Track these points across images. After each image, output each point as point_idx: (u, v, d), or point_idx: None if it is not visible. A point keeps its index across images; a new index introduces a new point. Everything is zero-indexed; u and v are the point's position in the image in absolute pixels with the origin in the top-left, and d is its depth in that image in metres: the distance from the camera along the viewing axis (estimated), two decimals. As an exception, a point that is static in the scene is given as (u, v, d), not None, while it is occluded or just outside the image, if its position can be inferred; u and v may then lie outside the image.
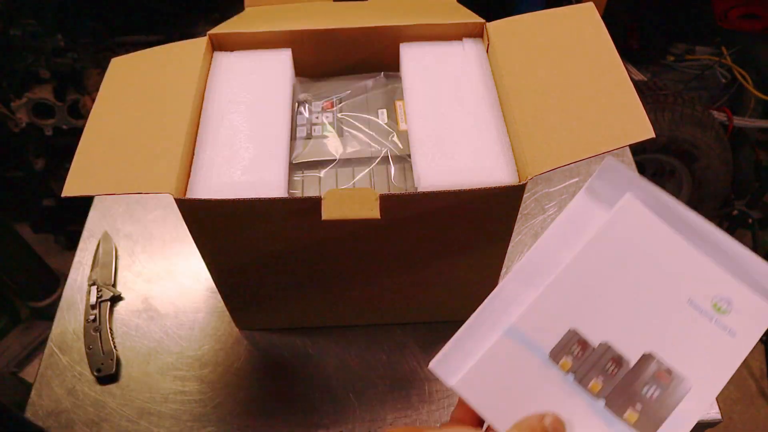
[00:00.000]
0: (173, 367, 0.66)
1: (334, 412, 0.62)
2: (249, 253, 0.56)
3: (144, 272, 0.74)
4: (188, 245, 0.76)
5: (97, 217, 0.79)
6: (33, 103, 1.28)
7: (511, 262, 0.73)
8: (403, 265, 0.58)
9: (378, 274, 0.59)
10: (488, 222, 0.53)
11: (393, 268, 0.59)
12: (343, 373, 0.65)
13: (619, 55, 0.53)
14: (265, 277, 0.60)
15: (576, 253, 0.40)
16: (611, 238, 0.40)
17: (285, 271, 0.59)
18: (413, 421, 0.62)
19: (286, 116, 0.56)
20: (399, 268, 0.59)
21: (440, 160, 0.52)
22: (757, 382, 1.50)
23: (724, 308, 0.39)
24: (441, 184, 0.50)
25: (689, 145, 1.42)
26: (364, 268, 0.58)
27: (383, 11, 0.64)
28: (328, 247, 0.55)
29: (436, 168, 0.52)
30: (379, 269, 0.59)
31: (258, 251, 0.56)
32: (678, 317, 0.39)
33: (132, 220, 0.79)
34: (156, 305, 0.71)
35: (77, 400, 0.64)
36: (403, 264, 0.58)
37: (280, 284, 0.61)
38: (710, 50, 1.69)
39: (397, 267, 0.58)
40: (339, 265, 0.58)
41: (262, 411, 0.63)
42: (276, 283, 0.60)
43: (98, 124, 0.52)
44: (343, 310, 0.66)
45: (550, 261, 0.40)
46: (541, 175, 0.49)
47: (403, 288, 0.62)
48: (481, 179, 0.51)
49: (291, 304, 0.65)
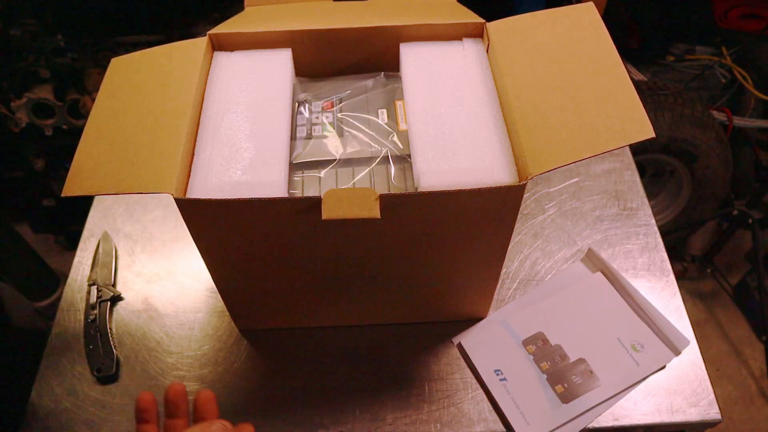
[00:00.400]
0: (173, 367, 0.66)
1: (334, 412, 0.62)
2: (249, 253, 0.56)
3: (144, 272, 0.74)
4: (188, 245, 0.76)
5: (97, 217, 0.79)
6: (33, 103, 1.28)
7: (511, 261, 0.73)
8: (404, 265, 0.58)
9: (379, 273, 0.59)
10: (488, 222, 0.53)
11: (394, 268, 0.59)
12: (343, 372, 0.65)
13: (619, 55, 0.53)
14: (265, 277, 0.60)
15: (560, 294, 0.70)
16: (583, 292, 0.70)
17: (285, 271, 0.59)
18: (413, 421, 0.62)
19: (286, 116, 0.56)
20: (400, 268, 0.59)
21: (440, 160, 0.52)
22: (757, 382, 1.50)
23: (638, 348, 0.65)
24: (441, 184, 0.50)
25: (689, 145, 1.42)
26: (365, 267, 0.58)
27: (383, 11, 0.64)
28: (328, 247, 0.55)
29: (436, 168, 0.52)
30: (380, 269, 0.59)
31: (258, 251, 0.56)
32: (608, 346, 0.65)
33: (132, 220, 0.79)
34: (156, 305, 0.71)
35: (77, 400, 0.64)
36: (404, 263, 0.58)
37: (281, 284, 0.61)
38: (710, 50, 1.69)
39: (397, 266, 0.58)
40: (339, 265, 0.58)
41: (262, 411, 0.63)
42: (276, 283, 0.60)
43: (98, 124, 0.52)
44: (343, 310, 0.66)
45: (544, 293, 0.71)
46: (541, 175, 0.50)
47: (404, 288, 0.62)
48: (481, 179, 0.51)
49: (291, 304, 0.65)
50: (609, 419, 0.62)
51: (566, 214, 0.78)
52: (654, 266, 0.73)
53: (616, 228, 0.77)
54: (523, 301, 0.70)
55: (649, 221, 0.77)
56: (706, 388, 0.63)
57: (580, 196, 0.80)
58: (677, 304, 0.70)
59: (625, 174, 0.82)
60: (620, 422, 0.61)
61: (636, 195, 0.80)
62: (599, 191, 0.80)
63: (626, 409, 0.62)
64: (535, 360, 0.64)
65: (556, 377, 0.63)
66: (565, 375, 0.63)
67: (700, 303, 1.65)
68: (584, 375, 0.63)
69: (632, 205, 0.79)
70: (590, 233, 0.76)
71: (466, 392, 0.64)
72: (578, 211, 0.78)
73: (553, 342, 0.66)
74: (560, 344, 0.65)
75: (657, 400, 0.63)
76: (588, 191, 0.80)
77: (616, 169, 0.83)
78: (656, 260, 0.74)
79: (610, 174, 0.82)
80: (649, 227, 0.77)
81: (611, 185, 0.81)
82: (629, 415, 0.62)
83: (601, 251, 0.74)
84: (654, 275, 0.72)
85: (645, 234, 0.76)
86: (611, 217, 0.78)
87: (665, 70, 1.67)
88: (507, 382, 0.63)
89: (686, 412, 0.62)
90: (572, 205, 0.79)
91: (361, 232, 0.53)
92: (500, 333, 0.66)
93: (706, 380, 0.64)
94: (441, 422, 0.62)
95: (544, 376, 0.63)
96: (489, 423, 0.61)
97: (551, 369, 0.64)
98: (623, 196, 0.80)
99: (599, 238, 0.76)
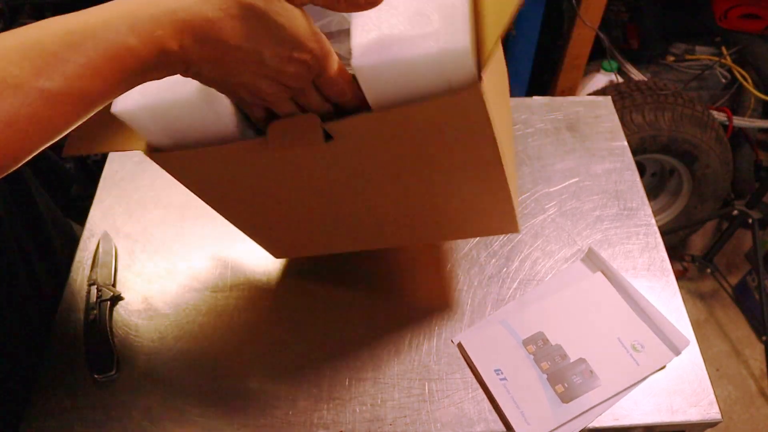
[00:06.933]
0: (173, 368, 0.66)
1: (334, 412, 0.62)
2: (238, 190, 0.56)
3: (144, 272, 0.74)
4: (188, 245, 0.76)
5: (97, 217, 0.79)
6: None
7: (511, 261, 0.73)
8: (392, 184, 0.55)
9: (370, 194, 0.56)
10: (456, 130, 0.47)
11: (383, 188, 0.55)
12: (344, 371, 0.65)
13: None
14: (266, 209, 0.59)
15: (559, 294, 0.70)
16: (583, 292, 0.70)
17: (278, 202, 0.58)
18: (413, 421, 0.62)
19: None
20: (389, 188, 0.55)
21: (378, 31, 0.43)
22: (757, 382, 1.50)
23: (638, 348, 0.65)
24: (374, 61, 0.42)
25: (689, 145, 1.42)
26: (358, 193, 0.56)
27: None
28: (300, 177, 0.53)
29: (370, 41, 0.43)
30: (372, 194, 0.56)
31: (243, 189, 0.56)
32: (608, 346, 0.65)
33: (132, 220, 0.79)
34: (156, 305, 0.71)
35: (77, 400, 0.64)
36: (392, 183, 0.54)
37: (284, 214, 0.60)
38: (710, 50, 1.69)
39: (386, 186, 0.55)
40: (331, 191, 0.56)
41: (263, 411, 0.63)
42: (279, 213, 0.60)
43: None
44: (357, 230, 0.64)
45: (544, 293, 0.71)
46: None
47: (407, 208, 0.59)
48: (423, 50, 0.41)
49: (305, 229, 0.65)
50: (609, 419, 0.62)
51: (566, 214, 0.78)
52: (654, 266, 0.73)
53: (616, 228, 0.77)
54: (523, 301, 0.70)
55: (649, 221, 0.77)
56: (706, 388, 0.63)
57: (580, 196, 0.80)
58: (677, 304, 0.70)
59: (625, 174, 0.82)
60: (620, 422, 0.61)
61: (636, 195, 0.80)
62: (599, 191, 0.80)
63: (626, 409, 0.62)
64: (535, 360, 0.64)
65: (556, 377, 0.63)
66: (565, 375, 0.63)
67: (700, 303, 1.65)
68: (584, 375, 0.63)
69: (632, 205, 0.79)
70: (590, 233, 0.76)
71: (466, 392, 0.64)
72: (578, 211, 0.78)
73: (553, 342, 0.66)
74: (560, 344, 0.65)
75: (657, 400, 0.63)
76: (588, 191, 0.80)
77: (616, 169, 0.83)
78: (656, 260, 0.74)
79: (610, 174, 0.82)
80: (649, 227, 0.77)
81: (611, 185, 0.81)
82: (629, 415, 0.62)
83: (601, 251, 0.74)
84: (654, 275, 0.72)
85: (645, 234, 0.76)
86: (611, 217, 0.78)
87: (665, 70, 1.68)
88: (507, 381, 0.63)
89: (686, 412, 0.62)
90: (572, 205, 0.79)
91: (324, 159, 0.50)
92: (500, 333, 0.67)
93: (706, 380, 0.64)
94: (441, 422, 0.62)
95: (545, 376, 0.63)
96: (489, 423, 0.62)
97: (551, 369, 0.64)
98: (623, 196, 0.80)
99: (599, 238, 0.76)
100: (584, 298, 0.69)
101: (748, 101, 1.64)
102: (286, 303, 0.71)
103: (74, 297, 0.71)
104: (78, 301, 0.71)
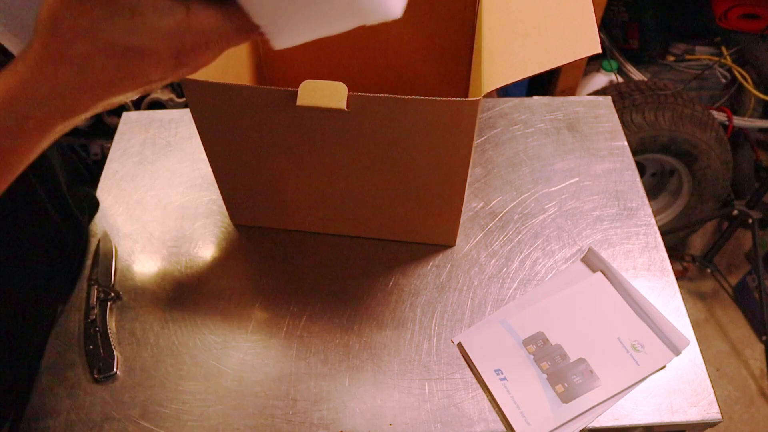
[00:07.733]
0: (173, 367, 0.66)
1: (334, 412, 0.62)
2: (240, 138, 0.62)
3: (144, 272, 0.74)
4: (188, 245, 0.76)
5: (97, 217, 0.79)
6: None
7: (511, 261, 0.73)
8: (373, 165, 0.63)
9: (351, 170, 0.64)
10: (445, 131, 0.57)
11: (365, 166, 0.63)
12: (344, 372, 0.65)
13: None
14: (255, 166, 0.66)
15: (559, 294, 0.70)
16: (583, 292, 0.70)
17: (270, 161, 0.64)
18: (413, 421, 0.62)
19: None
20: (370, 168, 0.63)
21: None
22: (757, 382, 1.50)
23: (638, 348, 0.65)
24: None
25: (689, 145, 1.42)
26: (338, 162, 0.63)
27: None
28: (303, 137, 0.60)
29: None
30: (352, 164, 0.63)
31: (247, 137, 0.62)
32: (608, 346, 0.65)
33: (132, 220, 0.79)
34: (156, 305, 0.71)
35: (77, 400, 0.64)
36: (373, 163, 0.63)
37: (268, 175, 0.67)
38: (710, 50, 1.69)
39: (368, 165, 0.63)
40: (315, 156, 0.63)
41: (262, 411, 0.63)
42: (264, 173, 0.66)
43: None
44: (324, 212, 0.72)
45: (544, 293, 0.71)
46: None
47: (377, 195, 0.67)
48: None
49: (278, 199, 0.71)
50: (609, 419, 0.62)
51: (566, 214, 0.78)
52: (654, 266, 0.73)
53: (616, 228, 0.77)
54: (523, 301, 0.70)
55: (649, 221, 0.77)
56: (706, 388, 0.63)
57: (580, 196, 0.80)
58: (677, 304, 0.70)
59: (625, 174, 0.82)
60: (620, 422, 0.61)
61: (636, 195, 0.80)
62: (599, 191, 0.80)
63: (626, 409, 0.62)
64: (535, 360, 0.64)
65: (556, 377, 0.63)
66: (565, 375, 0.63)
67: (700, 303, 1.65)
68: (584, 375, 0.63)
69: (632, 205, 0.79)
70: (590, 233, 0.76)
71: (466, 392, 0.64)
72: (578, 211, 0.78)
73: (553, 342, 0.66)
74: (560, 344, 0.65)
75: (657, 400, 0.63)
76: (588, 191, 0.80)
77: (616, 169, 0.83)
78: (656, 260, 0.74)
79: (610, 174, 0.82)
80: (649, 227, 0.77)
81: (611, 185, 0.81)
82: (629, 415, 0.62)
83: (601, 251, 0.74)
84: (654, 275, 0.72)
85: (645, 234, 0.76)
86: (611, 217, 0.78)
87: (665, 70, 1.68)
88: (507, 381, 0.63)
89: (686, 412, 0.62)
90: (572, 204, 0.79)
91: (331, 126, 0.59)
92: (500, 333, 0.67)
93: (706, 380, 0.64)
94: (441, 422, 0.62)
95: (545, 376, 0.63)
96: (489, 423, 0.62)
97: (551, 369, 0.64)
98: (623, 196, 0.80)
99: (599, 238, 0.76)
100: (584, 298, 0.69)
101: (748, 101, 1.64)
102: (286, 304, 0.71)
103: (74, 297, 0.71)
104: (78, 301, 0.71)
